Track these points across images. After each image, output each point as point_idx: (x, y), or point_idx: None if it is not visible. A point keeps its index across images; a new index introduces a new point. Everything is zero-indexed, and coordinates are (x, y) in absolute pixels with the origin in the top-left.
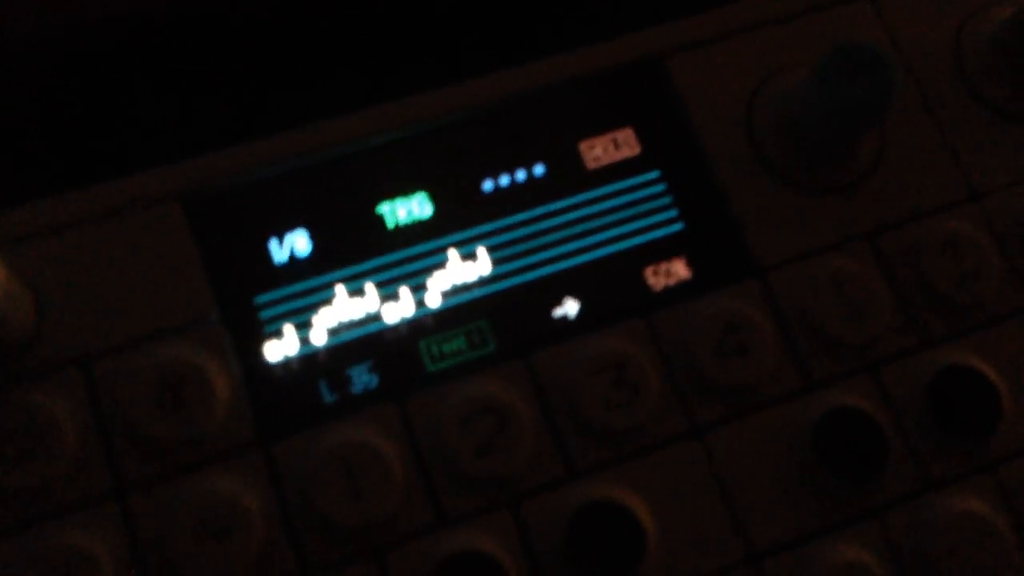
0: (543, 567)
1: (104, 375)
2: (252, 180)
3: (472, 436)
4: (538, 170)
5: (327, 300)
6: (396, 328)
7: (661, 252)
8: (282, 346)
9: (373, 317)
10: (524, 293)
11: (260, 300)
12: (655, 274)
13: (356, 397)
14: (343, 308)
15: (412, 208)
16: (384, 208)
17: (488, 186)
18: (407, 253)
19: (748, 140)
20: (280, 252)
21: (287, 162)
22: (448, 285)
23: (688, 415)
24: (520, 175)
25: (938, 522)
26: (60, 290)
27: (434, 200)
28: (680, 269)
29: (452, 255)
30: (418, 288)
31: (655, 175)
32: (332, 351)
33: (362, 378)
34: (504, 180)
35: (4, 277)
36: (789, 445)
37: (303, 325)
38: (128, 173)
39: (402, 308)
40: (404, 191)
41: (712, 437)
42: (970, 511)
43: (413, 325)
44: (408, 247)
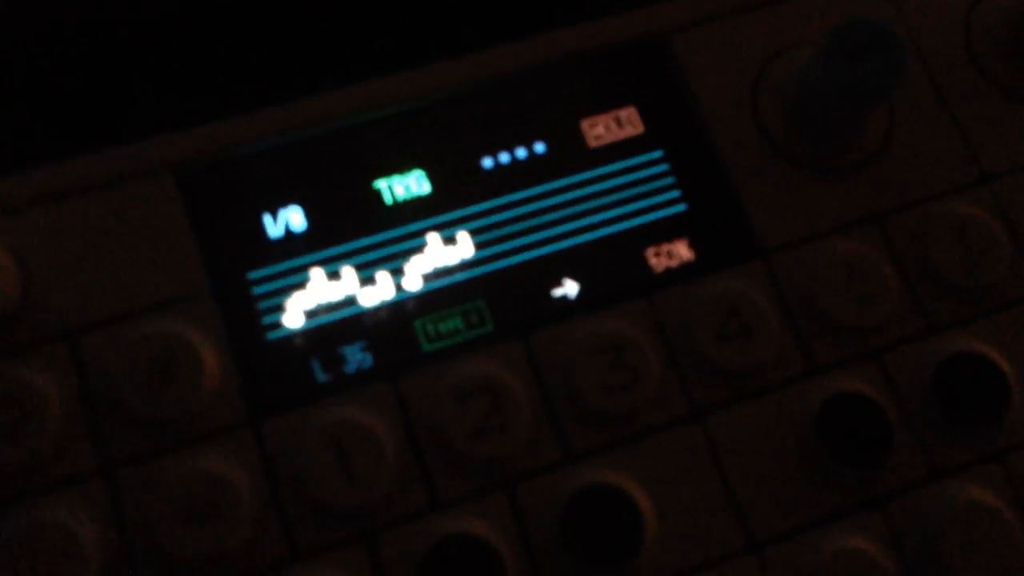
0: (538, 552)
1: (91, 349)
2: (248, 153)
3: (467, 417)
4: (539, 148)
5: (321, 277)
6: (392, 307)
7: (663, 233)
8: (275, 323)
9: (368, 295)
10: (523, 273)
11: (253, 275)
12: (657, 255)
13: (349, 376)
14: (338, 285)
15: (410, 185)
16: (381, 184)
17: (487, 163)
18: (404, 231)
19: (754, 119)
20: (275, 227)
21: (284, 135)
22: (446, 263)
23: (688, 399)
24: (520, 153)
25: (943, 512)
26: (48, 262)
27: (432, 177)
28: (682, 250)
29: (451, 233)
30: (415, 266)
31: (658, 154)
32: (325, 329)
33: (356, 357)
34: (504, 157)
35: None
36: (791, 431)
37: (296, 302)
38: (120, 143)
39: (398, 286)
40: (402, 168)
41: (713, 422)
42: (976, 501)
43: (409, 304)
44: (405, 224)
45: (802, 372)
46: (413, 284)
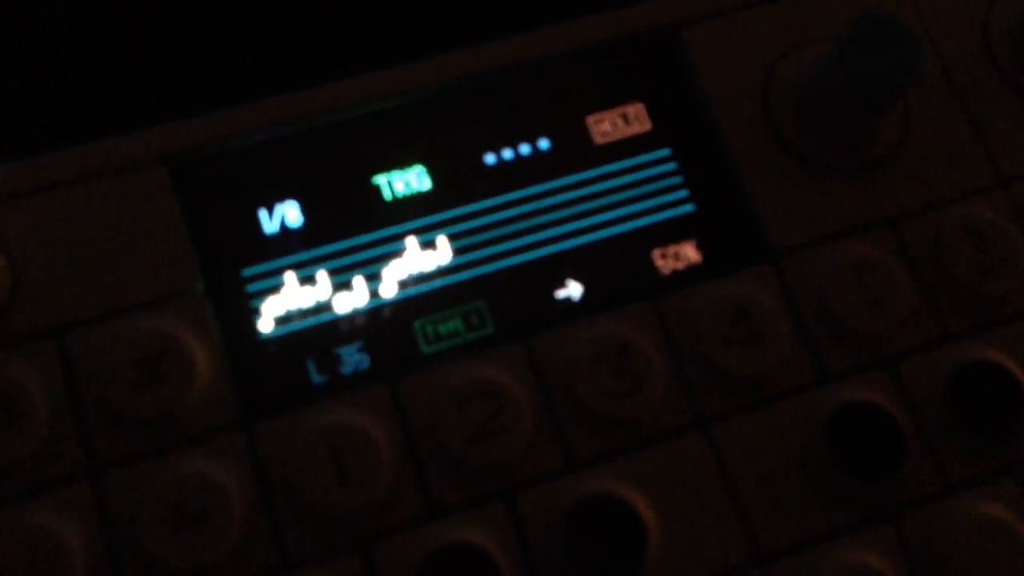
0: (537, 563)
1: (80, 346)
2: (244, 145)
3: (467, 422)
4: (543, 144)
5: (317, 275)
6: (390, 307)
7: (670, 234)
8: (269, 322)
9: (366, 295)
10: (525, 273)
11: (247, 272)
12: (663, 257)
13: (346, 378)
14: (334, 284)
15: (410, 180)
16: (381, 180)
17: (490, 159)
18: (403, 228)
19: (765, 118)
20: (270, 223)
21: (281, 128)
22: (446, 263)
23: (694, 406)
24: (524, 149)
25: (957, 527)
26: (36, 255)
27: (433, 173)
28: (690, 252)
29: (451, 231)
30: (414, 265)
31: (666, 153)
32: (321, 329)
33: (352, 358)
34: (507, 153)
35: None
36: (800, 440)
37: (291, 300)
38: (112, 134)
39: (396, 286)
40: (402, 163)
41: (719, 430)
42: (991, 516)
43: (408, 304)
44: (405, 221)
45: (812, 380)
46: (412, 284)
